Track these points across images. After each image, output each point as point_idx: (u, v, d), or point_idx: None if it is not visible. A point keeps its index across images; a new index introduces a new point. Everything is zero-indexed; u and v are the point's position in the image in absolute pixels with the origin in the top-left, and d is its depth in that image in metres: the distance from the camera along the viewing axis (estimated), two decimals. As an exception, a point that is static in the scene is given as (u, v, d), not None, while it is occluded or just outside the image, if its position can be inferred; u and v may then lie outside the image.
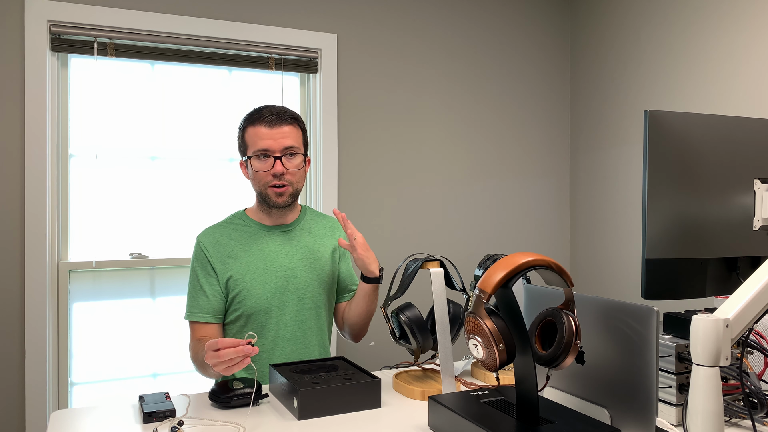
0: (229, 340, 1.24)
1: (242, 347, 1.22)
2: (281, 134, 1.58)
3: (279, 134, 1.57)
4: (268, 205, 1.63)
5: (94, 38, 2.25)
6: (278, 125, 1.58)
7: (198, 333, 1.60)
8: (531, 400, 1.05)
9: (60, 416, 1.25)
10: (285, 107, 1.64)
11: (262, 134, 1.57)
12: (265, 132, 1.57)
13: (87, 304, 2.30)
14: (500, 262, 1.04)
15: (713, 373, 0.95)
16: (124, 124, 2.35)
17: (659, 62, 2.53)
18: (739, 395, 1.21)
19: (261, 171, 1.58)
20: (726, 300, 1.00)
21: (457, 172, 2.83)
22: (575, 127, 3.03)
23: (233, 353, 1.22)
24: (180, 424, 1.18)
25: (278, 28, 2.49)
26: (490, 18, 2.90)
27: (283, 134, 1.58)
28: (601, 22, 2.85)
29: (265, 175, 1.59)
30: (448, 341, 1.35)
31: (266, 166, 1.58)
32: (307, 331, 1.66)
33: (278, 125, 1.58)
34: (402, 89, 2.72)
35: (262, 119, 1.58)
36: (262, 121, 1.58)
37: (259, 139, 1.57)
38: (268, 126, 1.57)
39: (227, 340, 1.24)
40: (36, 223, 2.16)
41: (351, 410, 1.27)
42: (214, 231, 1.67)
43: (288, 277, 1.64)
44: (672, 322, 1.28)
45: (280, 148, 1.57)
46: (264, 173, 1.58)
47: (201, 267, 1.62)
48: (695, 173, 1.22)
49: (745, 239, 1.26)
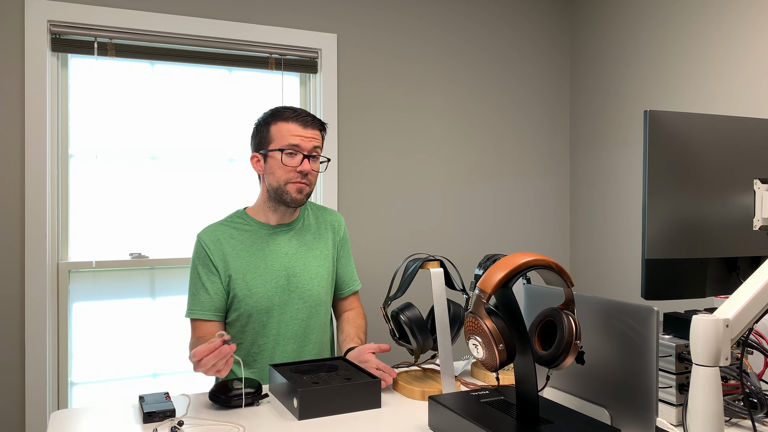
0: (205, 347, 1.25)
1: (218, 351, 1.24)
2: (312, 135, 1.64)
3: (311, 135, 1.64)
4: (282, 201, 1.65)
5: (94, 38, 2.25)
6: (311, 127, 1.64)
7: (199, 331, 1.61)
8: (531, 400, 1.05)
9: (60, 416, 1.26)
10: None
11: (295, 131, 1.62)
12: (299, 129, 1.62)
13: (87, 304, 2.30)
14: (500, 262, 1.04)
15: (713, 373, 0.95)
16: (124, 124, 2.35)
17: (659, 62, 2.53)
18: (739, 395, 1.21)
19: (289, 165, 1.62)
20: (726, 300, 1.00)
21: (457, 172, 2.83)
22: (575, 127, 3.03)
23: (212, 359, 1.24)
24: (180, 424, 1.18)
25: (278, 28, 2.49)
26: (490, 18, 2.90)
27: (315, 135, 1.65)
28: (601, 22, 2.85)
29: (290, 170, 1.62)
30: (448, 341, 1.35)
31: (295, 162, 1.62)
32: (308, 329, 1.66)
33: (311, 127, 1.64)
34: (402, 89, 2.72)
35: (297, 117, 1.64)
36: (297, 120, 1.63)
37: (291, 135, 1.62)
38: (302, 125, 1.63)
39: (203, 347, 1.25)
40: (36, 223, 2.16)
41: (351, 410, 1.27)
42: (215, 229, 1.67)
43: (289, 276, 1.64)
44: (672, 322, 1.28)
45: (309, 147, 1.63)
46: (290, 168, 1.62)
47: (202, 265, 1.63)
48: (695, 173, 1.22)
49: (745, 239, 1.26)
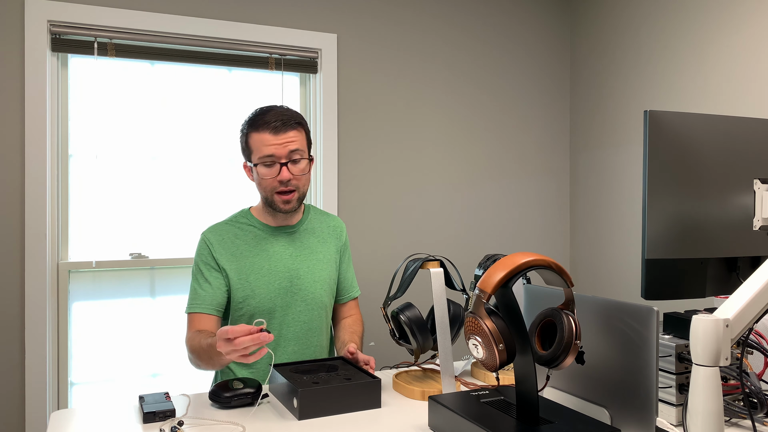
0: (243, 328, 1.19)
1: (258, 335, 1.18)
2: (286, 139, 1.56)
3: (285, 139, 1.56)
4: (274, 210, 1.63)
5: (94, 38, 2.25)
6: (283, 131, 1.56)
7: (197, 324, 1.58)
8: (531, 400, 1.05)
9: (60, 416, 1.25)
10: (288, 109, 1.62)
11: (267, 140, 1.55)
12: (271, 138, 1.55)
13: (87, 304, 2.30)
14: (500, 262, 1.04)
15: (713, 373, 0.95)
16: (124, 124, 2.35)
17: (659, 62, 2.53)
18: (739, 395, 1.20)
19: (267, 177, 1.57)
20: (726, 300, 1.00)
21: (457, 171, 2.83)
22: (575, 127, 3.03)
23: (248, 341, 1.18)
24: (180, 424, 1.18)
25: (278, 28, 2.49)
26: (490, 18, 2.90)
27: (288, 139, 1.56)
28: (601, 22, 2.85)
29: (271, 182, 1.58)
30: (448, 341, 1.35)
31: (272, 173, 1.57)
32: (310, 332, 1.66)
33: (283, 131, 1.56)
34: (402, 89, 2.72)
35: (267, 126, 1.56)
36: (267, 128, 1.56)
37: (264, 145, 1.56)
38: (273, 133, 1.55)
39: (240, 327, 1.19)
40: (36, 223, 2.16)
41: (351, 410, 1.27)
42: (220, 229, 1.67)
43: (292, 278, 1.64)
44: (672, 322, 1.28)
45: (285, 153, 1.56)
46: (270, 180, 1.57)
47: (205, 263, 1.62)
48: (695, 173, 1.22)
49: (745, 239, 1.26)
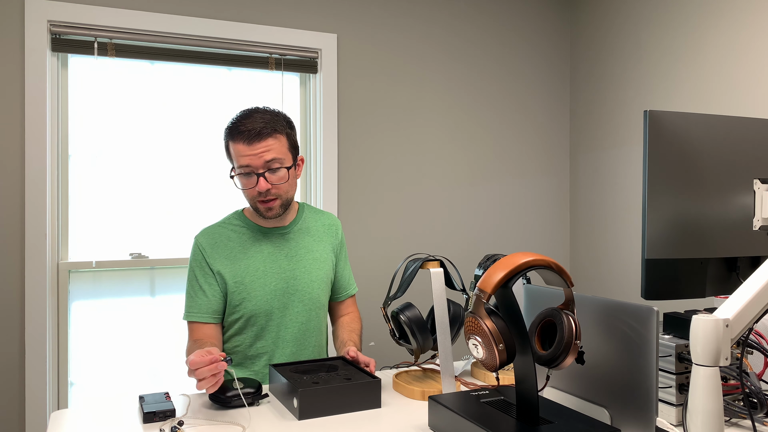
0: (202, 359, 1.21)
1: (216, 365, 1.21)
2: (261, 149, 1.50)
3: (259, 149, 1.50)
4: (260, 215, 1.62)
5: (94, 38, 2.25)
6: (257, 141, 1.49)
7: (196, 333, 1.59)
8: (531, 400, 1.05)
9: (60, 416, 1.25)
10: (266, 114, 1.55)
11: (242, 151, 1.51)
12: (245, 149, 1.50)
13: (87, 304, 2.30)
14: (500, 262, 1.04)
15: (713, 373, 0.95)
16: (124, 124, 2.35)
17: (659, 62, 2.53)
18: (739, 395, 1.20)
19: (246, 188, 1.56)
20: (726, 300, 1.00)
21: (457, 172, 2.83)
22: (575, 128, 3.03)
23: (208, 371, 1.21)
24: (180, 424, 1.18)
25: (278, 28, 2.49)
26: (490, 18, 2.90)
27: (264, 148, 1.50)
28: (601, 22, 2.85)
29: (251, 191, 1.56)
30: (448, 341, 1.35)
31: (250, 183, 1.54)
32: (307, 332, 1.66)
33: (257, 141, 1.49)
34: (402, 89, 2.72)
35: (241, 135, 1.50)
36: (242, 138, 1.50)
37: (240, 156, 1.51)
38: (247, 143, 1.49)
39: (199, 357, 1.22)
40: (36, 223, 2.16)
41: (351, 410, 1.27)
42: (212, 232, 1.65)
43: (288, 279, 1.63)
44: (672, 322, 1.28)
45: (261, 164, 1.51)
46: (249, 189, 1.56)
47: (199, 268, 1.61)
48: (695, 173, 1.22)
49: (745, 239, 1.26)
